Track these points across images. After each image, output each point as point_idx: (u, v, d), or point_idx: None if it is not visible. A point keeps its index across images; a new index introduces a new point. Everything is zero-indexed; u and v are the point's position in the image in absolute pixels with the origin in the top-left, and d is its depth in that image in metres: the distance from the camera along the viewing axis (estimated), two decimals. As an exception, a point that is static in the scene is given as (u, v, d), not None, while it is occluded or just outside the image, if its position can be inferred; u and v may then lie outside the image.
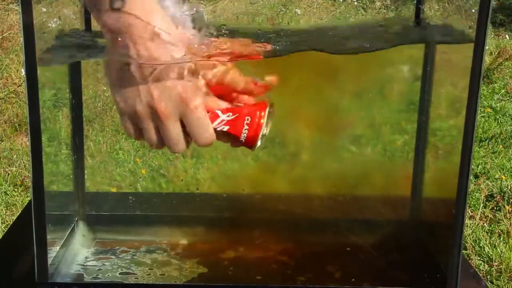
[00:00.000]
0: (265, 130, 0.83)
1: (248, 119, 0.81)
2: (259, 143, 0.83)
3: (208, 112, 0.79)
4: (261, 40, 0.87)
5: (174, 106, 0.74)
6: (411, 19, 1.00)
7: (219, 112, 0.80)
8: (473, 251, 2.43)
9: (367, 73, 1.04)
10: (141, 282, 0.94)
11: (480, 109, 3.78)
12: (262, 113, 0.81)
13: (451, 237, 0.85)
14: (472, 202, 2.74)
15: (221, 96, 0.81)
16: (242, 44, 0.84)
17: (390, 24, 1.01)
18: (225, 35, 0.83)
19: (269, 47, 0.85)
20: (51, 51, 0.84)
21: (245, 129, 0.81)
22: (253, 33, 0.90)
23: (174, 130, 0.76)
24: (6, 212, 2.70)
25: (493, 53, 4.72)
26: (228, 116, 0.81)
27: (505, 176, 3.01)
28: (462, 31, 0.87)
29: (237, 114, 0.81)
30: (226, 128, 0.81)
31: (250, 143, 0.82)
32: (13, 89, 3.91)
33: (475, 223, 2.59)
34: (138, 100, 0.74)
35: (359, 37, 0.94)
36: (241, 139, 0.81)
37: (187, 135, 0.78)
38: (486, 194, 2.80)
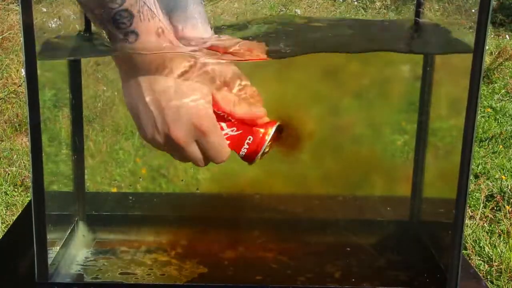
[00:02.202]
0: (266, 149, 0.84)
1: (250, 138, 0.82)
2: (257, 159, 0.83)
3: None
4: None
5: (189, 133, 0.78)
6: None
7: (224, 125, 0.81)
8: (473, 251, 2.43)
9: (368, 73, 1.05)
10: (141, 282, 0.94)
11: (480, 109, 3.78)
12: (266, 137, 0.82)
13: (451, 237, 0.85)
14: (472, 202, 2.74)
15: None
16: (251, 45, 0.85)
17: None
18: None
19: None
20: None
21: (245, 148, 0.82)
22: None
23: (194, 153, 0.80)
24: (6, 212, 2.70)
25: (493, 53, 4.72)
26: (232, 131, 0.81)
27: (505, 176, 3.02)
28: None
29: (241, 131, 0.82)
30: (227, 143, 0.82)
31: (247, 160, 0.83)
32: (13, 89, 3.91)
33: (475, 223, 2.59)
34: (156, 131, 0.78)
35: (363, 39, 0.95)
36: (239, 154, 0.82)
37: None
38: (486, 194, 2.80)
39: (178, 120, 0.77)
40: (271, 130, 0.83)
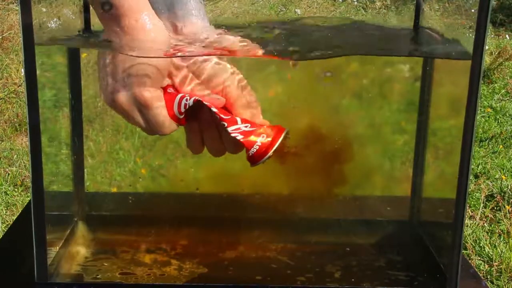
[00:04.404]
0: (271, 154, 0.84)
1: (263, 136, 0.82)
2: (261, 163, 0.84)
3: (227, 115, 0.80)
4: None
5: (133, 101, 0.82)
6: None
7: (238, 119, 0.81)
8: (473, 251, 2.44)
9: (368, 74, 1.05)
10: (141, 282, 0.94)
11: (480, 109, 3.79)
12: (277, 139, 0.82)
13: (451, 237, 0.85)
14: (472, 202, 2.74)
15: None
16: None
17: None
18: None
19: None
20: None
21: (257, 145, 0.82)
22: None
23: (137, 120, 0.84)
24: (6, 212, 2.70)
25: (493, 53, 4.72)
26: (245, 127, 0.81)
27: (505, 176, 3.02)
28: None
29: (255, 128, 0.82)
30: (239, 137, 0.82)
31: (254, 160, 0.83)
32: (13, 89, 3.91)
33: (475, 223, 2.59)
34: (110, 93, 0.83)
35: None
36: (249, 152, 0.82)
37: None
38: (486, 194, 2.81)
39: (124, 87, 0.82)
40: (282, 136, 0.83)
